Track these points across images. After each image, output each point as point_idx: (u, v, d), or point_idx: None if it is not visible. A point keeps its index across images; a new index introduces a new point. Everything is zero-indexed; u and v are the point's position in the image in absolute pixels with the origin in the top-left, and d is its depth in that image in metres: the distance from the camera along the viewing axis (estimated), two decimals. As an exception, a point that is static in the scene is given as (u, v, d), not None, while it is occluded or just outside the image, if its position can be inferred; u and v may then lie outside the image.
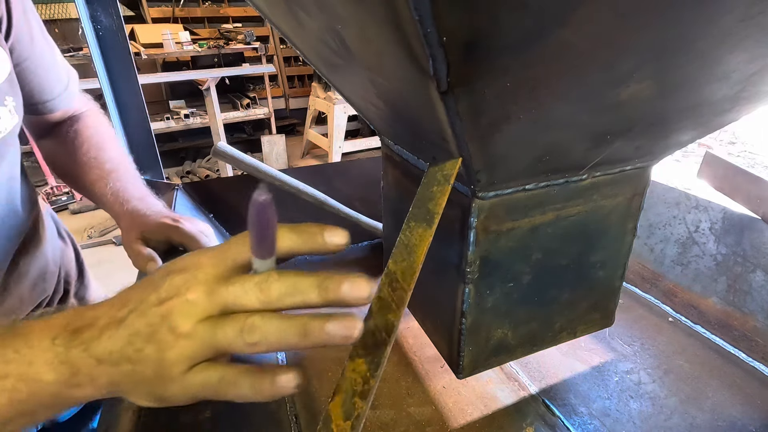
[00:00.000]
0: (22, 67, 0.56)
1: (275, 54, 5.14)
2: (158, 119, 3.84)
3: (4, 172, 0.56)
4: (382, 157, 0.74)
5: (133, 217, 0.63)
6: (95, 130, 0.69)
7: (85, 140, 0.66)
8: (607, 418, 0.69)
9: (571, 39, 0.29)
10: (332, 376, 0.78)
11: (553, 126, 0.41)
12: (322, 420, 0.35)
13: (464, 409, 0.71)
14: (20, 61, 0.56)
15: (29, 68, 0.58)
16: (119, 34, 0.91)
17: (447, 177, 0.45)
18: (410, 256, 0.42)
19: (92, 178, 0.65)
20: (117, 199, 0.64)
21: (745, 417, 0.69)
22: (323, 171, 1.20)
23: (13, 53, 0.55)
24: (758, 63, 0.36)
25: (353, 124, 4.59)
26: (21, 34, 0.55)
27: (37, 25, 0.59)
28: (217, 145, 0.95)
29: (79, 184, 0.67)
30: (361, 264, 1.13)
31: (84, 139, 0.66)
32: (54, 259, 0.67)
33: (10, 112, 0.53)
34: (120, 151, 0.70)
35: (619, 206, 0.60)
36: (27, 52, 0.57)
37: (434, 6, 0.25)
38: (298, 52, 0.59)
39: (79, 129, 0.67)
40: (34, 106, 0.62)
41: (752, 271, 0.81)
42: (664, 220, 0.97)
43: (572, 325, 0.68)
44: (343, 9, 0.34)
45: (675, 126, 0.49)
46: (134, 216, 0.63)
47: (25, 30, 0.56)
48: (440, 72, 0.30)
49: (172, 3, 4.66)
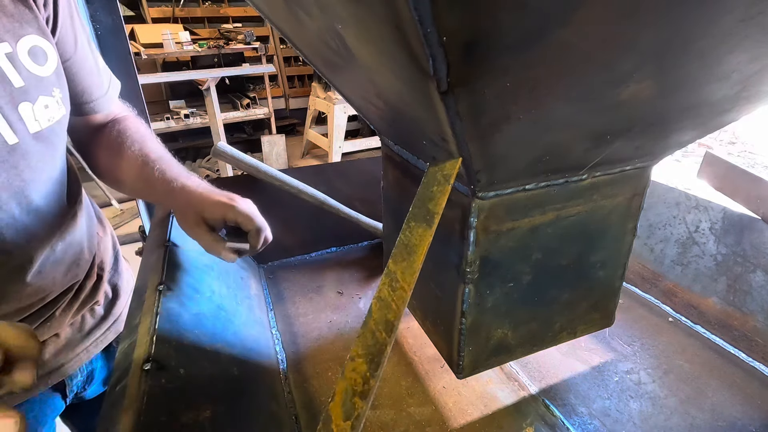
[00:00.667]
0: (65, 66, 0.60)
1: (275, 54, 5.14)
2: (158, 119, 3.85)
3: (52, 162, 0.59)
4: (382, 157, 0.74)
5: (186, 194, 0.64)
6: (137, 129, 0.72)
7: (129, 137, 0.69)
8: (607, 418, 0.69)
9: (571, 39, 0.29)
10: (332, 376, 0.78)
11: (554, 126, 0.41)
12: (322, 420, 0.35)
13: (464, 409, 0.71)
14: (63, 60, 0.59)
15: (71, 69, 0.61)
16: (119, 34, 0.91)
17: (447, 177, 0.45)
18: (410, 256, 0.42)
19: (139, 166, 0.67)
20: (165, 178, 0.65)
21: (745, 417, 0.69)
22: (323, 171, 1.20)
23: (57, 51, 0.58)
24: (758, 63, 0.36)
25: (353, 124, 4.59)
26: (66, 35, 0.59)
27: (83, 33, 0.63)
28: (217, 145, 0.95)
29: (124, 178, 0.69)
30: (361, 264, 1.13)
31: (127, 136, 0.69)
32: (90, 247, 0.70)
33: (58, 103, 0.56)
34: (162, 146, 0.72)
35: (619, 206, 0.60)
36: (70, 53, 0.60)
37: (434, 6, 0.25)
38: (298, 52, 0.59)
39: (122, 129, 0.70)
40: (75, 107, 0.65)
41: (752, 271, 0.81)
42: (664, 220, 0.97)
43: (572, 325, 0.68)
44: (343, 9, 0.34)
45: (675, 126, 0.49)
46: (187, 194, 0.64)
47: (70, 33, 0.60)
48: (440, 72, 0.30)
49: (172, 3, 4.66)
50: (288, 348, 0.84)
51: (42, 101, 0.53)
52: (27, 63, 0.51)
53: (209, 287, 0.77)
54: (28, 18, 0.52)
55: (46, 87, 0.54)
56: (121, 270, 0.79)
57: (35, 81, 0.52)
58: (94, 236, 0.72)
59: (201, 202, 0.63)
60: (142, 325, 0.59)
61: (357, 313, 0.95)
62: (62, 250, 0.62)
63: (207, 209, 0.63)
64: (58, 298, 0.64)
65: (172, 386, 0.53)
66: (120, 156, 0.68)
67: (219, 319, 0.72)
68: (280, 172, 1.01)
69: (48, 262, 0.60)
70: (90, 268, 0.70)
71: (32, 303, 0.60)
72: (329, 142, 4.04)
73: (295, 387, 0.75)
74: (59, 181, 0.61)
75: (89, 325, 0.71)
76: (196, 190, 0.65)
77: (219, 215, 0.63)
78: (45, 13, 0.55)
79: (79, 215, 0.67)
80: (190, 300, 0.70)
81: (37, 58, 0.53)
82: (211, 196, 0.64)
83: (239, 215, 0.63)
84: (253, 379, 0.69)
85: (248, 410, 0.62)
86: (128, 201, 3.40)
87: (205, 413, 0.54)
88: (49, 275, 0.61)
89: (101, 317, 0.73)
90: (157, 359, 0.54)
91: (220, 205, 0.63)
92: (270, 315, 0.93)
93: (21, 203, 0.54)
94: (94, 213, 0.75)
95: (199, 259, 0.82)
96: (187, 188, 0.65)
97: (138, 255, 0.86)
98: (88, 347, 0.71)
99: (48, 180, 0.58)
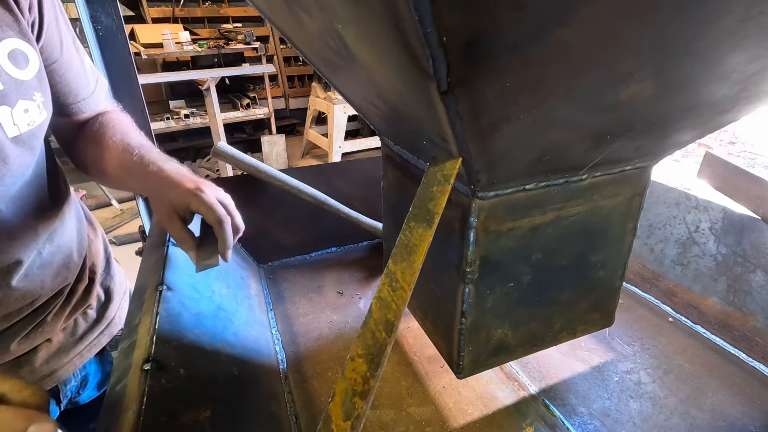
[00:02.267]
0: (50, 69, 0.59)
1: (275, 54, 5.14)
2: (158, 119, 3.85)
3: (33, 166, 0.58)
4: (382, 157, 0.74)
5: (160, 179, 0.61)
6: (119, 121, 0.71)
7: (111, 128, 0.68)
8: (607, 418, 0.69)
9: (571, 39, 0.29)
10: (332, 376, 0.78)
11: (554, 126, 0.41)
12: (322, 420, 0.35)
13: (464, 409, 0.71)
14: (49, 63, 0.59)
15: (57, 71, 0.61)
16: (119, 34, 0.91)
17: (447, 177, 0.45)
18: (410, 256, 0.42)
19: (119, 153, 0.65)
20: (143, 162, 0.63)
21: (745, 417, 0.69)
22: (323, 171, 1.20)
23: (43, 55, 0.58)
24: (758, 63, 0.36)
25: (353, 124, 4.58)
26: (51, 38, 0.59)
27: (69, 35, 0.63)
28: (217, 145, 0.95)
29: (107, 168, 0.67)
30: (361, 264, 1.13)
31: (109, 127, 0.68)
32: (80, 250, 0.69)
33: (39, 107, 0.55)
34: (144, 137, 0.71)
35: (619, 206, 0.60)
36: (56, 56, 0.60)
37: (434, 6, 0.25)
38: (299, 52, 0.59)
39: (104, 121, 0.69)
40: (61, 108, 0.64)
41: (752, 271, 0.81)
42: (664, 220, 0.97)
43: (572, 325, 0.68)
44: (343, 9, 0.34)
45: (675, 126, 0.49)
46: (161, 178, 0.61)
47: (56, 36, 0.60)
48: (440, 72, 0.30)
49: (172, 3, 4.66)
50: (288, 348, 0.84)
51: (22, 105, 0.53)
52: (7, 67, 0.51)
53: (209, 287, 0.77)
54: (8, 21, 0.51)
55: (27, 91, 0.53)
56: (113, 273, 0.78)
57: (15, 85, 0.52)
58: (84, 239, 0.71)
59: (169, 190, 0.59)
60: (142, 325, 0.59)
61: (357, 313, 0.95)
62: (50, 254, 0.62)
63: (174, 197, 0.59)
64: (49, 303, 0.63)
65: (172, 386, 0.53)
66: (102, 146, 0.66)
67: (219, 319, 0.72)
68: (280, 172, 1.01)
69: (35, 265, 0.59)
70: (81, 271, 0.69)
71: (21, 308, 0.59)
72: (329, 142, 4.04)
73: (295, 387, 0.75)
74: (42, 184, 0.60)
75: (82, 329, 0.70)
76: (169, 175, 0.61)
77: (184, 204, 0.59)
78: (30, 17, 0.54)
79: (68, 218, 0.66)
80: (190, 300, 0.70)
81: (17, 62, 0.52)
82: (182, 183, 0.60)
83: (201, 205, 0.58)
84: (253, 379, 0.69)
85: (248, 410, 0.62)
86: (128, 201, 3.40)
87: (205, 413, 0.54)
88: (37, 279, 0.60)
89: (94, 321, 0.72)
90: (157, 359, 0.54)
91: (186, 193, 0.59)
92: (270, 315, 0.93)
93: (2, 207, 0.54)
94: (84, 215, 0.74)
95: (199, 259, 0.82)
96: (162, 172, 0.61)
97: (138, 255, 0.86)
98: (81, 351, 0.70)
99: (30, 184, 0.58)
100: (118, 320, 0.77)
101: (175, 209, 0.60)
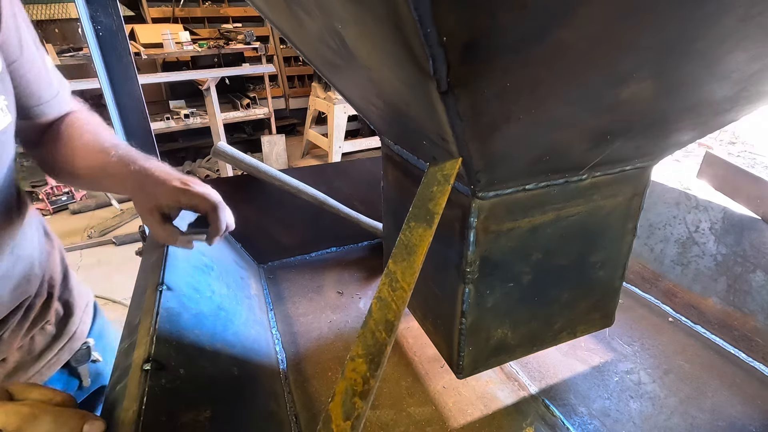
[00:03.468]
0: (10, 69, 0.56)
1: (275, 54, 5.14)
2: (158, 119, 3.84)
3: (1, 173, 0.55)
4: (382, 157, 0.74)
5: (143, 177, 0.60)
6: (87, 121, 0.68)
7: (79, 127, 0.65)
8: (607, 418, 0.69)
9: (570, 39, 0.29)
10: (332, 376, 0.78)
11: (554, 126, 0.41)
12: (322, 420, 0.35)
13: (464, 409, 0.71)
14: (8, 63, 0.56)
15: (17, 72, 0.58)
16: (119, 34, 0.91)
17: (447, 177, 0.45)
18: (410, 256, 0.42)
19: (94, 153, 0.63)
20: (122, 161, 0.61)
21: (745, 417, 0.69)
22: (323, 171, 1.20)
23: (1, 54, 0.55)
24: (758, 63, 0.36)
25: (353, 124, 4.59)
26: (9, 37, 0.55)
27: (28, 33, 0.59)
28: (217, 145, 0.95)
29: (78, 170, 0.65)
30: (361, 264, 1.13)
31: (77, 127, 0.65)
32: (40, 263, 0.66)
33: (2, 111, 0.53)
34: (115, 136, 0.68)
35: (619, 206, 0.60)
36: (15, 55, 0.57)
37: (434, 6, 0.25)
38: (299, 52, 0.59)
39: (70, 121, 0.66)
40: (23, 110, 0.61)
41: (752, 271, 0.81)
42: (664, 220, 0.97)
43: (572, 325, 0.68)
44: (343, 9, 0.34)
45: (675, 126, 0.49)
46: (144, 177, 0.60)
47: (14, 34, 0.56)
48: (440, 72, 0.30)
49: (172, 3, 4.66)
50: (288, 348, 0.84)
51: None
52: None
53: (209, 287, 0.77)
54: None
55: None
56: (71, 285, 0.74)
57: None
58: (44, 250, 0.67)
59: (155, 188, 0.59)
60: (142, 325, 0.59)
61: (357, 313, 0.95)
62: (10, 266, 0.58)
63: (161, 196, 0.59)
64: (7, 319, 0.59)
65: (172, 386, 0.53)
66: (71, 148, 0.64)
67: (219, 319, 0.72)
68: (280, 172, 1.01)
69: None
70: (39, 285, 0.65)
71: None
72: (329, 142, 4.04)
73: (295, 387, 0.75)
74: (7, 192, 0.57)
75: (40, 347, 0.66)
76: (152, 174, 0.60)
77: (174, 201, 0.59)
78: None
79: (27, 229, 0.62)
80: (190, 300, 0.70)
81: None
82: (167, 181, 0.60)
83: (194, 197, 0.59)
84: (253, 379, 0.69)
85: (248, 410, 0.62)
86: (128, 201, 3.39)
87: (205, 413, 0.53)
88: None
89: (53, 337, 0.68)
90: (157, 359, 0.54)
91: (174, 191, 0.59)
92: (270, 315, 0.93)
93: None
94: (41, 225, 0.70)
95: (200, 259, 0.82)
96: (144, 171, 0.60)
97: (138, 255, 0.86)
98: (40, 370, 0.66)
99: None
100: (80, 335, 0.73)
101: (159, 206, 0.59)
